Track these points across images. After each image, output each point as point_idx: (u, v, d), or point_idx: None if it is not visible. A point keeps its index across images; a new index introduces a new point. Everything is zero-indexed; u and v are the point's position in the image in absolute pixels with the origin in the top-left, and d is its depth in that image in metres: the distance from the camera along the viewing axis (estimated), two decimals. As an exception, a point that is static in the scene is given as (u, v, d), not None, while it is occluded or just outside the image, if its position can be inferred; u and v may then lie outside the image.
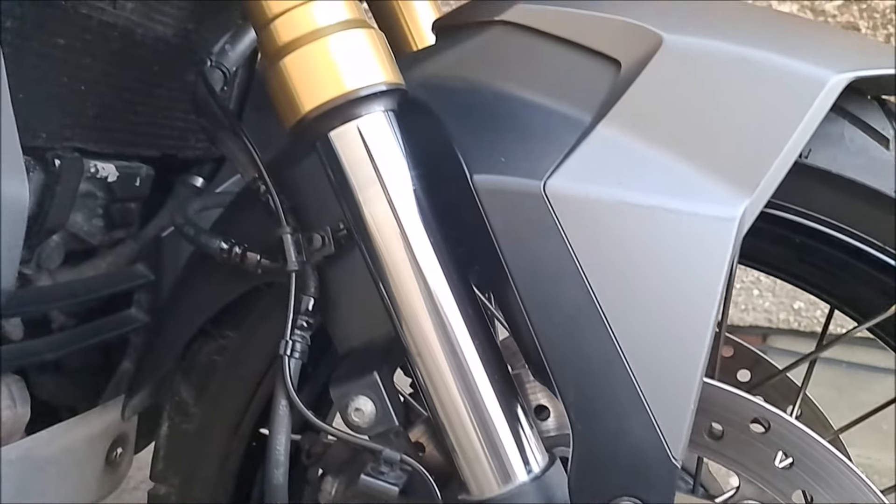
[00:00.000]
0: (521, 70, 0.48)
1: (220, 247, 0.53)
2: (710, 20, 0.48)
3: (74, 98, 0.65)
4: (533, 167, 0.44)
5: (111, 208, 0.77)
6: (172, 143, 0.82)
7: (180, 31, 0.78)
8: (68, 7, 0.62)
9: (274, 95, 0.46)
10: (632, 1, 0.49)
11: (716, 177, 0.43)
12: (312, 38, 0.44)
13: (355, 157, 0.45)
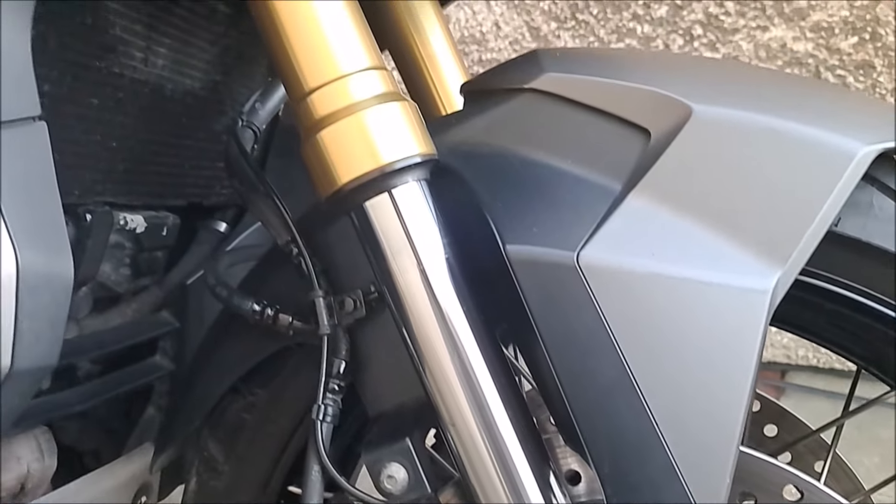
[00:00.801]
0: (551, 138, 0.49)
1: (252, 308, 0.53)
2: (738, 89, 0.48)
3: (106, 154, 0.66)
4: (565, 238, 0.44)
5: (138, 258, 0.78)
6: (198, 191, 0.84)
7: (208, 84, 0.80)
8: (102, 68, 0.63)
9: (310, 165, 0.46)
10: (659, 69, 0.50)
11: (748, 248, 0.43)
12: (349, 112, 0.45)
13: (389, 227, 0.46)
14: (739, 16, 1.43)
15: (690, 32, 1.46)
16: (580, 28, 1.50)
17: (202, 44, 0.76)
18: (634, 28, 1.48)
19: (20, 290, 0.37)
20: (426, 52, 0.76)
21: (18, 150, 0.39)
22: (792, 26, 1.40)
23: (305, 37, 0.46)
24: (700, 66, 0.52)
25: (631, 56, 0.55)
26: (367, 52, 0.46)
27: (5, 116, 0.39)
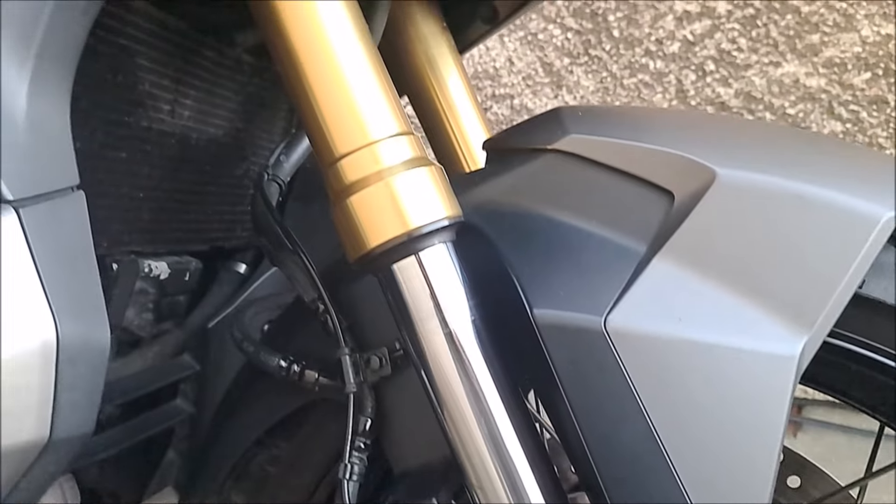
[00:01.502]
0: (575, 199, 0.50)
1: (278, 364, 0.54)
2: (760, 151, 0.49)
3: (133, 205, 0.68)
4: (592, 301, 0.45)
5: (161, 302, 0.79)
6: (220, 234, 0.85)
7: (231, 131, 0.81)
8: (131, 122, 0.64)
9: (339, 228, 0.47)
10: (681, 130, 0.51)
11: (774, 314, 0.44)
12: (378, 178, 0.45)
13: (416, 289, 0.46)
14: (752, 52, 1.44)
15: (703, 68, 1.47)
16: (593, 64, 1.51)
17: (226, 93, 0.78)
18: (647, 64, 1.49)
19: (59, 362, 0.38)
20: (444, 97, 0.77)
21: (58, 222, 0.40)
22: (804, 62, 1.41)
23: (336, 104, 0.47)
24: (722, 127, 0.53)
25: (653, 116, 0.56)
26: (395, 117, 0.47)
27: (45, 188, 0.40)
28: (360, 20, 0.49)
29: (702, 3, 1.44)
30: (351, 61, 0.47)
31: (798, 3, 1.41)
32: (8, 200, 0.38)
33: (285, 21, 0.48)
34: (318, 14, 0.48)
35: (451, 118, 0.76)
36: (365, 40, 0.49)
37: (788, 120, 1.43)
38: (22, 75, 0.40)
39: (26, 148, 0.40)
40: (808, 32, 1.41)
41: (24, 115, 0.40)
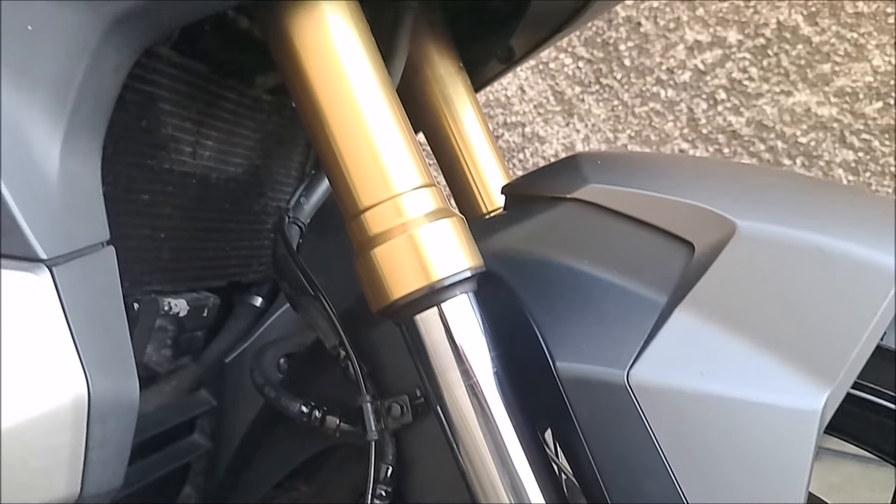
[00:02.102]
0: (595, 248, 0.50)
1: (300, 410, 0.54)
2: (780, 202, 0.49)
3: (154, 245, 0.68)
4: (615, 355, 0.45)
5: (180, 339, 0.80)
6: (238, 270, 0.85)
7: (250, 168, 0.82)
8: (154, 165, 0.65)
9: (362, 279, 0.48)
10: (700, 180, 0.51)
11: (796, 367, 0.44)
12: (401, 230, 0.46)
13: (438, 340, 0.47)
14: (763, 81, 1.45)
15: (714, 97, 1.48)
16: (604, 92, 1.53)
17: (246, 132, 0.79)
18: (658, 92, 1.50)
19: (91, 419, 0.38)
20: (461, 136, 0.78)
21: (89, 278, 0.41)
22: (816, 91, 1.42)
23: (360, 157, 0.47)
24: (740, 177, 0.53)
25: (671, 165, 0.56)
26: (418, 169, 0.48)
27: (77, 245, 0.41)
28: (381, 68, 0.50)
29: (712, 33, 1.46)
30: (374, 113, 0.48)
31: (809, 34, 1.41)
32: (41, 260, 0.38)
33: (308, 69, 0.49)
34: (341, 63, 0.48)
35: (468, 157, 0.77)
36: (387, 89, 0.50)
37: (800, 148, 1.44)
38: (55, 135, 0.41)
39: (59, 206, 0.40)
40: (819, 62, 1.41)
41: (56, 173, 0.41)
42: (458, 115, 0.78)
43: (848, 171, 1.43)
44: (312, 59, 0.49)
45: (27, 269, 0.38)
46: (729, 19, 1.45)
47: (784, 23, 1.43)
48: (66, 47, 0.41)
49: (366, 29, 0.51)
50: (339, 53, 0.49)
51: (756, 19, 1.44)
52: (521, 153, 1.59)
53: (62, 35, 0.40)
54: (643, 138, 1.51)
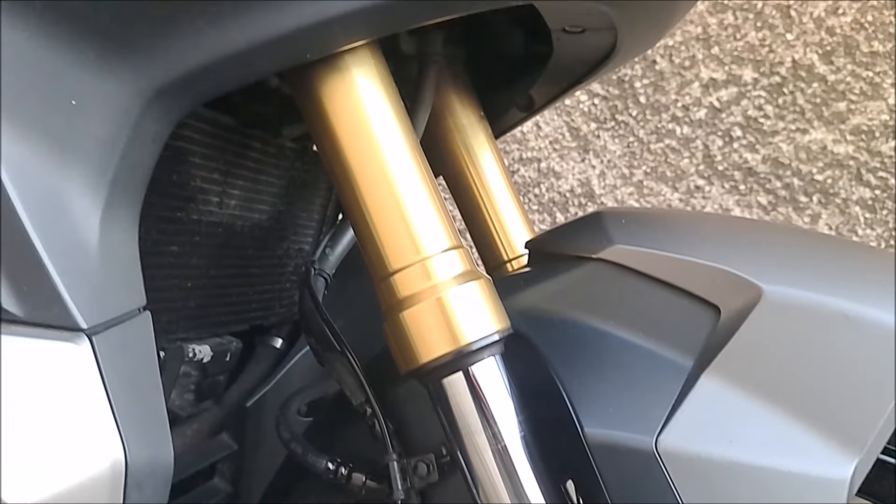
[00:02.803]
0: (621, 309, 0.51)
1: (326, 467, 0.54)
2: (803, 265, 0.49)
3: (181, 295, 0.69)
4: (643, 421, 0.45)
5: (202, 383, 0.80)
6: (260, 313, 0.86)
7: (273, 213, 0.83)
8: (182, 217, 0.67)
9: (391, 340, 0.48)
10: (726, 242, 0.52)
11: (824, 435, 0.44)
12: (430, 294, 0.47)
13: (466, 404, 0.47)
14: (778, 118, 1.45)
15: (730, 134, 1.48)
16: (619, 129, 1.54)
17: (271, 179, 0.80)
18: (674, 129, 1.51)
19: (127, 487, 0.39)
20: (482, 185, 0.79)
21: (127, 345, 0.42)
22: (832, 129, 1.42)
23: (389, 220, 0.48)
24: (764, 238, 0.54)
25: (694, 224, 0.57)
26: (446, 232, 0.49)
27: (116, 312, 0.42)
28: (408, 127, 0.51)
29: (728, 72, 1.47)
30: (403, 176, 0.49)
31: (824, 72, 1.42)
32: (82, 329, 0.39)
33: (337, 130, 0.50)
34: (370, 124, 0.49)
35: (489, 205, 0.78)
36: (414, 150, 0.51)
37: (817, 186, 1.44)
38: (96, 205, 0.42)
39: (99, 275, 0.41)
40: (834, 100, 1.42)
41: (96, 243, 0.42)
42: (479, 163, 0.79)
43: (865, 209, 1.43)
44: (342, 120, 0.50)
45: (68, 340, 0.39)
46: (744, 58, 1.46)
47: (799, 61, 1.44)
48: (109, 120, 0.42)
49: (392, 87, 0.52)
50: (368, 114, 0.50)
51: (771, 58, 1.45)
52: (537, 188, 1.60)
53: (105, 109, 0.42)
54: (659, 174, 1.52)
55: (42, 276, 0.38)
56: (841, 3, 1.41)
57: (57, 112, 0.40)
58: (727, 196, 1.48)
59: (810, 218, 1.44)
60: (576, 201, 1.56)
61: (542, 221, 1.58)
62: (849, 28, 1.41)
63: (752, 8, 1.45)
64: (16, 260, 0.38)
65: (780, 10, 1.44)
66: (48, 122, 0.40)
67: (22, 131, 0.39)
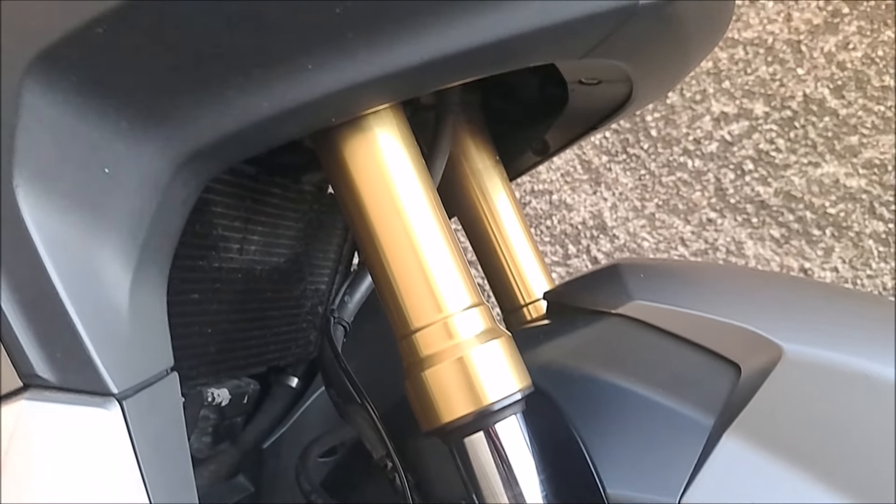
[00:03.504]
0: (641, 366, 0.51)
1: (346, 520, 0.55)
2: (823, 323, 0.50)
3: (201, 341, 0.70)
4: (665, 482, 0.45)
5: (220, 426, 0.81)
6: (277, 355, 0.87)
7: (291, 256, 0.84)
8: (204, 266, 0.68)
9: (412, 398, 0.49)
10: (746, 298, 0.52)
11: (846, 497, 0.44)
12: (452, 353, 0.47)
13: (488, 463, 0.48)
14: (790, 152, 1.46)
15: (741, 167, 1.49)
16: (631, 161, 1.54)
17: (289, 223, 0.81)
18: (685, 162, 1.52)
19: (155, 552, 0.39)
20: (498, 230, 0.80)
21: (156, 407, 0.43)
22: (844, 163, 1.43)
23: (411, 279, 0.49)
24: (784, 292, 0.54)
25: (713, 278, 0.57)
26: (468, 289, 0.49)
27: (145, 375, 0.43)
28: (429, 183, 0.52)
29: (739, 105, 1.48)
30: (425, 234, 0.50)
31: (835, 106, 1.43)
32: (112, 394, 0.40)
33: (360, 187, 0.50)
34: (392, 182, 0.50)
35: (505, 249, 0.78)
36: (435, 206, 0.51)
37: (830, 219, 1.44)
38: (127, 269, 0.43)
39: (129, 338, 0.42)
40: (846, 134, 1.43)
41: (126, 306, 0.43)
42: (495, 208, 0.80)
43: (878, 243, 1.42)
44: (364, 179, 0.51)
45: (98, 405, 0.40)
46: (755, 92, 1.47)
47: (810, 96, 1.45)
48: (141, 187, 0.43)
49: (414, 144, 0.53)
50: (391, 173, 0.50)
51: (782, 92, 1.46)
52: (549, 220, 1.61)
53: (137, 176, 0.43)
54: (671, 207, 1.53)
55: (75, 343, 0.39)
56: (851, 38, 1.42)
57: (91, 182, 0.41)
58: (740, 229, 1.48)
59: (823, 251, 1.44)
60: (587, 233, 1.56)
61: (553, 253, 1.59)
62: (860, 63, 1.42)
63: (762, 43, 1.46)
64: (50, 328, 0.39)
65: (791, 45, 1.45)
66: (83, 193, 0.41)
67: (58, 202, 0.40)
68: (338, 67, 0.44)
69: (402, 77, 0.46)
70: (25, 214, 0.39)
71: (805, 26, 1.44)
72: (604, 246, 1.56)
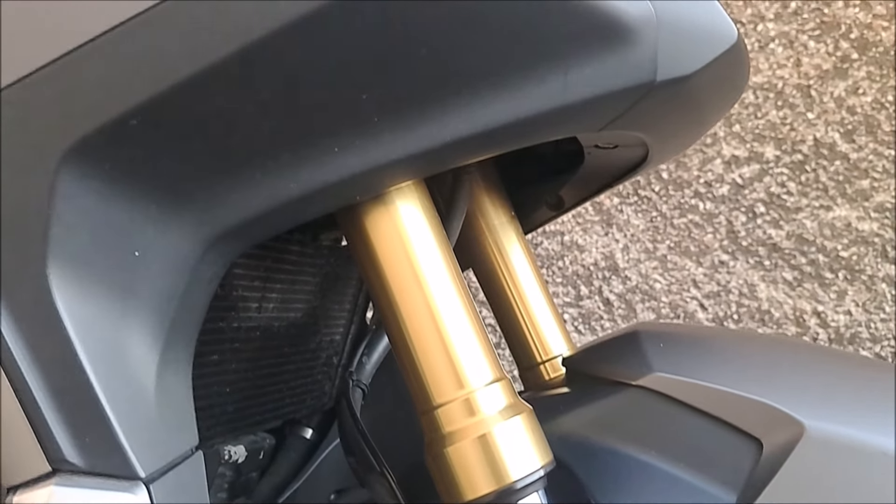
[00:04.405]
0: (662, 439, 0.51)
1: (366, 590, 0.55)
2: (844, 398, 0.50)
3: (219, 401, 0.71)
4: (688, 563, 0.45)
5: (236, 483, 0.81)
6: (293, 408, 0.87)
7: (308, 309, 0.85)
8: (224, 327, 0.68)
9: (434, 473, 0.49)
10: (767, 372, 0.52)
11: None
12: (474, 430, 0.47)
13: (511, 539, 0.48)
14: (802, 195, 1.46)
15: (753, 210, 1.49)
16: (643, 204, 1.55)
17: (307, 278, 0.82)
18: (697, 205, 1.52)
19: None
20: (515, 286, 0.80)
21: (182, 488, 0.43)
22: (855, 206, 1.43)
23: (433, 355, 0.49)
24: (805, 364, 0.54)
25: (735, 348, 0.57)
26: (490, 364, 0.50)
27: (171, 456, 0.43)
28: (450, 255, 0.53)
29: (749, 149, 1.48)
30: (448, 310, 0.50)
31: (846, 150, 1.44)
32: (140, 478, 0.40)
33: (382, 261, 0.51)
34: (415, 256, 0.51)
35: (522, 306, 0.79)
36: (456, 279, 0.52)
37: (842, 262, 1.44)
38: (154, 350, 0.43)
39: (156, 420, 0.42)
40: (857, 178, 1.43)
41: (153, 388, 0.43)
42: (511, 264, 0.80)
43: (891, 286, 1.42)
44: (386, 253, 0.51)
45: (126, 489, 0.40)
46: (766, 135, 1.48)
47: (821, 140, 1.46)
48: (169, 268, 0.44)
49: (435, 216, 0.54)
50: (413, 248, 0.51)
51: (793, 136, 1.47)
52: (561, 261, 1.61)
53: (165, 257, 0.43)
54: (682, 249, 1.53)
55: (104, 429, 0.40)
56: (861, 83, 1.43)
57: (122, 266, 0.42)
58: (752, 272, 1.48)
59: (836, 294, 1.43)
60: (599, 274, 1.56)
61: (565, 294, 1.59)
62: (869, 107, 1.43)
63: (772, 88, 1.47)
64: (80, 413, 0.40)
65: (801, 89, 1.46)
66: (113, 276, 0.42)
67: (89, 288, 0.41)
68: (364, 149, 0.45)
69: (426, 157, 0.46)
70: (58, 302, 0.40)
71: (814, 71, 1.45)
72: (616, 287, 1.56)
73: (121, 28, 0.38)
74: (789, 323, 1.45)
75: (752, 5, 1.48)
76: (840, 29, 1.44)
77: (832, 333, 1.43)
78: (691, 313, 1.51)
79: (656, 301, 1.52)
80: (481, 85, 0.45)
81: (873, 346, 1.42)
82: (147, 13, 0.38)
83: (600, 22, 0.46)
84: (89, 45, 0.38)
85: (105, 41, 0.38)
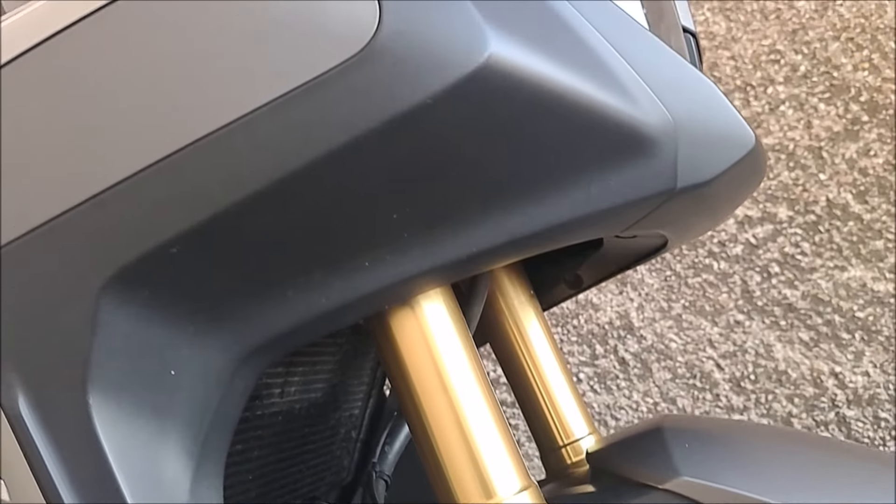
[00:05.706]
0: (691, 546, 0.51)
1: None
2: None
3: (243, 489, 0.71)
4: None
5: (256, 565, 0.81)
6: (312, 487, 0.87)
7: (328, 389, 0.85)
8: (248, 415, 0.69)
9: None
10: (792, 478, 0.52)
11: None
12: (504, 541, 0.47)
13: None
14: (816, 256, 1.46)
15: (767, 270, 1.49)
16: (656, 263, 1.55)
17: (327, 358, 0.82)
18: (711, 264, 1.53)
19: None
20: (536, 368, 0.80)
21: None
22: (870, 267, 1.43)
23: (460, 461, 0.50)
24: (838, 467, 0.54)
25: (763, 448, 0.57)
26: (517, 472, 0.50)
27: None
28: (477, 360, 0.53)
29: (762, 209, 1.49)
30: (475, 416, 0.50)
31: (859, 211, 1.44)
32: None
33: (410, 366, 0.52)
34: (442, 362, 0.51)
35: (543, 389, 0.79)
36: (482, 382, 0.52)
37: (858, 323, 1.43)
38: (188, 467, 0.44)
39: (188, 539, 0.43)
40: (871, 238, 1.43)
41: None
42: (531, 344, 0.80)
43: (910, 347, 1.41)
44: (413, 356, 0.52)
45: None
46: (778, 196, 1.49)
47: (833, 200, 1.46)
48: (204, 385, 0.44)
49: (460, 316, 0.55)
50: (440, 352, 0.52)
51: (805, 197, 1.47)
52: (576, 319, 1.61)
53: (201, 375, 0.44)
54: (697, 308, 1.53)
55: (139, 552, 0.40)
56: (872, 145, 1.44)
57: (159, 386, 0.43)
58: (768, 331, 1.47)
59: (854, 355, 1.43)
60: (614, 333, 1.56)
61: (581, 353, 1.59)
62: (881, 169, 1.44)
63: (783, 149, 1.49)
64: (116, 537, 0.40)
65: (812, 151, 1.47)
66: (150, 397, 0.42)
67: (127, 409, 0.41)
68: (393, 263, 0.46)
69: (453, 267, 0.47)
70: (97, 425, 0.40)
71: (825, 133, 1.47)
72: (631, 346, 1.55)
73: (167, 160, 0.40)
74: (807, 384, 1.44)
75: (762, 69, 1.50)
76: (850, 92, 1.46)
77: (850, 395, 1.42)
78: (707, 373, 1.50)
79: (672, 360, 1.52)
80: (507, 200, 0.46)
81: (892, 408, 1.41)
82: (190, 147, 0.39)
83: (623, 135, 0.47)
84: (134, 178, 0.40)
85: (151, 173, 0.40)
